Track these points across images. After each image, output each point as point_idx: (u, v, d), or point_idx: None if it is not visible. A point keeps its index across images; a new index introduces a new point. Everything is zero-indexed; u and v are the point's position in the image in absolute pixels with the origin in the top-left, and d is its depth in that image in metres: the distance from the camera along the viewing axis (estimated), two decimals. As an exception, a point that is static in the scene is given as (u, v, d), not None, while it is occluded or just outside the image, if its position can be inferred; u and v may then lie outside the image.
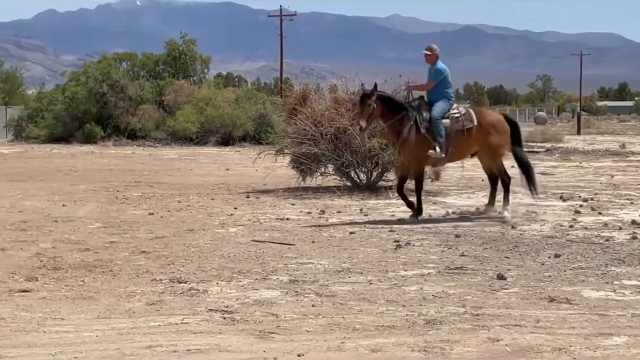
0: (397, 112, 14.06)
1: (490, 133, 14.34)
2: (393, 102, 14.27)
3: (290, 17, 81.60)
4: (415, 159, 14.17)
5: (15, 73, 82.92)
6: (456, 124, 14.18)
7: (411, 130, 13.96)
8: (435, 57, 14.57)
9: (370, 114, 13.91)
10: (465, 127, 14.18)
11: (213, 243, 11.57)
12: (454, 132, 14.12)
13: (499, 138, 14.43)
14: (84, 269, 9.56)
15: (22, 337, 6.63)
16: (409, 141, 13.97)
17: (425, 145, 13.95)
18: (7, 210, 15.36)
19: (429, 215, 14.43)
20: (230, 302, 7.92)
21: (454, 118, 14.23)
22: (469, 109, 14.64)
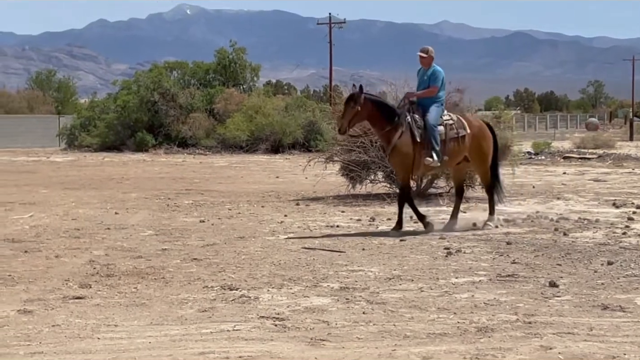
0: (389, 116, 13.44)
1: (480, 140, 13.95)
2: (384, 106, 13.66)
3: (339, 24, 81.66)
4: (403, 167, 13.61)
5: (68, 82, 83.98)
6: (450, 131, 13.65)
7: (403, 137, 13.35)
8: (431, 60, 13.92)
9: (354, 116, 13.41)
10: (459, 135, 13.69)
11: (263, 250, 11.62)
12: (448, 140, 13.59)
13: (487, 145, 14.09)
14: (136, 276, 9.65)
15: (77, 344, 6.71)
16: (400, 148, 13.37)
17: (418, 153, 13.36)
18: (61, 218, 15.55)
19: (474, 224, 14.30)
20: (281, 309, 7.94)
21: (448, 125, 13.69)
22: (459, 117, 14.07)
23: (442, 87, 13.86)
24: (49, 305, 8.12)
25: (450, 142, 13.58)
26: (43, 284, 9.18)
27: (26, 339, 6.82)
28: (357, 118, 13.54)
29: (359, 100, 13.34)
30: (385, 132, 13.51)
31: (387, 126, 13.42)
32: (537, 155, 37.25)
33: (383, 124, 13.49)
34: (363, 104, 13.34)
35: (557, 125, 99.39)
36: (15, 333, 7.00)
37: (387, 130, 13.43)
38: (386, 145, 13.66)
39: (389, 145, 13.48)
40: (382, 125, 13.51)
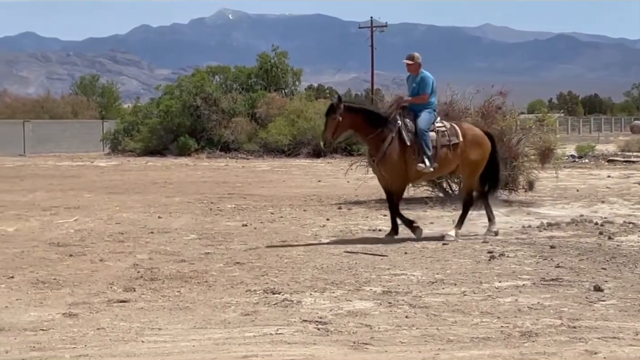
0: (375, 123, 13.10)
1: (475, 149, 13.50)
2: (368, 113, 13.31)
3: (381, 28, 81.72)
4: (398, 174, 13.23)
5: (111, 87, 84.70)
6: (442, 138, 13.27)
7: (393, 143, 13.03)
8: (418, 66, 13.59)
9: (336, 127, 13.04)
10: (451, 142, 13.30)
11: (306, 254, 11.64)
12: (439, 147, 13.22)
13: (481, 154, 13.57)
14: (180, 280, 9.71)
15: (121, 347, 6.76)
16: (391, 155, 13.05)
17: (410, 159, 13.05)
18: (105, 222, 15.68)
19: (523, 226, 14.21)
20: (324, 312, 7.95)
21: (440, 131, 13.31)
22: (452, 124, 13.66)
23: (433, 93, 13.51)
24: (93, 308, 8.20)
25: (441, 149, 13.22)
26: (88, 288, 9.26)
27: (72, 342, 6.88)
28: (340, 128, 13.13)
29: (338, 111, 13.00)
30: (372, 139, 13.15)
31: (374, 132, 13.08)
32: (580, 158, 36.98)
33: (369, 130, 13.13)
34: (344, 114, 13.01)
35: (601, 128, 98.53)
36: (60, 336, 7.07)
37: (375, 137, 13.09)
38: (375, 152, 13.17)
39: (379, 152, 13.08)
40: (369, 132, 13.15)
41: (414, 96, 13.47)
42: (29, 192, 22.58)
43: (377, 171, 13.48)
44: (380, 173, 13.40)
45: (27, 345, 6.77)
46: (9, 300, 8.58)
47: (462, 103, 19.25)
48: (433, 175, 13.90)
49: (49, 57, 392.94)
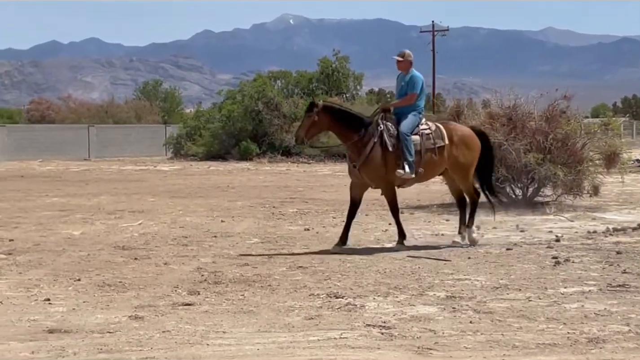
0: (356, 126, 12.64)
1: (462, 150, 12.98)
2: (348, 116, 12.88)
3: (442, 32, 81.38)
4: (383, 180, 12.74)
5: (174, 92, 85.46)
6: (427, 141, 12.71)
7: (375, 148, 12.52)
8: (409, 64, 13.08)
9: (310, 126, 12.64)
10: (436, 145, 12.75)
11: (368, 259, 11.63)
12: (424, 150, 12.69)
13: (470, 155, 13.08)
14: (243, 284, 9.76)
15: (187, 349, 6.81)
16: (373, 160, 12.55)
17: (391, 163, 12.54)
18: (169, 225, 15.82)
19: (588, 232, 14.03)
20: (387, 317, 7.93)
21: (425, 134, 12.73)
22: (438, 125, 13.09)
23: (421, 94, 12.95)
24: (159, 311, 8.27)
25: (426, 153, 12.69)
26: (153, 291, 9.35)
27: (138, 344, 6.95)
28: (315, 128, 12.73)
29: (315, 110, 12.64)
30: (353, 144, 12.67)
31: (355, 137, 12.60)
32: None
33: (349, 134, 12.66)
34: (321, 114, 12.61)
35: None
36: (127, 338, 7.14)
37: (356, 141, 12.61)
38: (356, 157, 12.65)
39: (360, 157, 12.58)
40: (349, 136, 12.67)
41: (402, 96, 12.98)
42: (94, 196, 22.87)
43: (357, 177, 12.84)
44: (361, 179, 12.82)
45: (94, 347, 6.85)
46: (76, 303, 8.70)
47: (526, 107, 19.09)
48: (420, 180, 13.14)
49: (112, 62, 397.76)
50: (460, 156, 12.97)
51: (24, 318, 7.97)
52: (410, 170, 12.46)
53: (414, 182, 13.04)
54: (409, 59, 13.16)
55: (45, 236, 14.28)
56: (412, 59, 13.20)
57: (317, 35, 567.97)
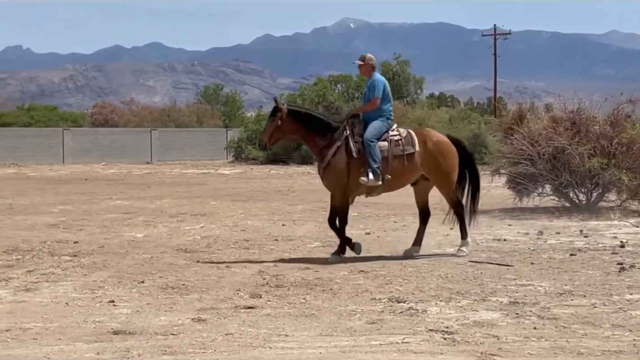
0: (322, 131, 12.27)
1: (438, 157, 12.41)
2: (314, 120, 12.47)
3: (504, 35, 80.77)
4: (339, 187, 12.25)
5: (234, 96, 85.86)
6: (395, 147, 12.21)
7: (338, 153, 12.09)
8: (370, 68, 12.59)
9: (274, 131, 12.32)
10: (405, 153, 12.22)
11: (430, 263, 11.59)
12: (392, 157, 12.19)
13: (448, 162, 12.50)
14: (305, 287, 9.78)
15: (250, 352, 6.84)
16: (334, 165, 12.13)
17: (354, 170, 12.07)
18: (231, 229, 15.91)
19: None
20: (450, 322, 7.89)
21: (393, 141, 12.25)
22: (410, 131, 12.56)
23: (386, 98, 12.43)
24: (221, 314, 8.32)
25: (394, 160, 12.18)
26: (215, 294, 9.41)
27: (201, 346, 7.00)
28: (279, 133, 12.39)
29: (279, 114, 12.31)
30: (320, 149, 12.30)
31: (321, 142, 12.26)
32: None
33: (315, 139, 12.34)
34: (285, 118, 12.28)
35: None
36: (190, 341, 7.19)
37: (322, 147, 12.24)
38: (320, 161, 12.36)
39: (322, 162, 12.24)
40: (315, 141, 12.36)
41: (367, 101, 12.54)
42: (157, 199, 23.09)
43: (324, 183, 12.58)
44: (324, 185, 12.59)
45: (158, 349, 6.92)
46: (140, 305, 8.79)
47: (590, 111, 18.88)
48: (389, 188, 12.50)
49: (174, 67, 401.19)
50: (437, 163, 12.41)
51: (89, 319, 8.07)
52: (374, 178, 12.00)
53: (382, 190, 12.43)
54: (370, 62, 12.65)
55: (109, 238, 14.45)
56: (373, 62, 12.71)
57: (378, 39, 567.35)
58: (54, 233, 15.25)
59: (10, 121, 65.05)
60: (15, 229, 15.92)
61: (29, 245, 13.44)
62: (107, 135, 57.48)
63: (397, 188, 12.78)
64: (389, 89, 12.69)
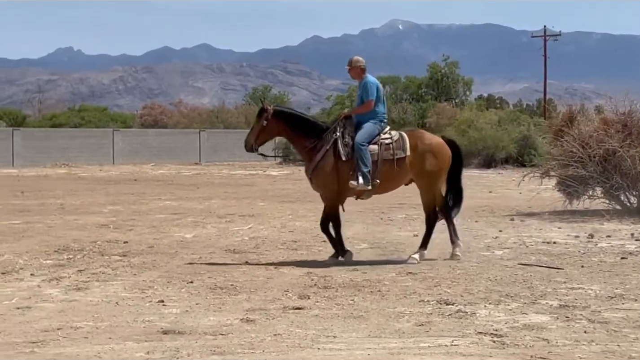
0: (309, 133, 12.11)
1: (427, 160, 12.06)
2: (301, 122, 12.30)
3: (554, 37, 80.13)
4: (329, 190, 12.13)
5: (283, 98, 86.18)
6: (385, 151, 11.94)
7: (327, 156, 11.91)
8: (360, 71, 12.31)
9: (260, 132, 12.19)
10: (395, 157, 11.94)
11: (479, 265, 11.52)
12: (381, 161, 11.93)
13: (436, 165, 12.13)
14: (353, 289, 9.77)
15: (298, 353, 6.85)
16: (323, 168, 11.95)
17: (344, 173, 11.89)
18: (279, 230, 15.96)
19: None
20: (499, 325, 7.84)
21: (384, 144, 11.99)
22: (402, 134, 12.22)
23: (379, 100, 12.21)
24: (269, 314, 8.34)
25: (384, 164, 11.94)
26: (264, 294, 9.44)
27: (250, 347, 7.02)
28: (265, 134, 12.26)
29: (265, 115, 12.15)
30: (307, 151, 12.13)
31: (307, 143, 12.08)
32: None
33: (302, 141, 12.16)
34: (271, 119, 12.12)
35: None
36: (239, 341, 7.22)
37: (309, 149, 12.07)
38: (308, 164, 12.18)
39: (311, 165, 12.08)
40: (301, 142, 12.19)
41: (360, 105, 12.38)
42: (205, 200, 23.23)
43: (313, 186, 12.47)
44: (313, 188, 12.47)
45: (207, 349, 6.95)
46: (189, 305, 8.84)
47: (642, 113, 18.70)
48: (378, 192, 12.33)
49: (223, 68, 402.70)
50: (426, 166, 12.08)
51: (139, 319, 8.13)
52: (364, 182, 11.82)
53: (372, 194, 12.28)
54: (358, 64, 12.38)
55: (158, 239, 14.56)
56: (361, 64, 12.39)
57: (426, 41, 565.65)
58: (104, 233, 15.40)
59: (62, 122, 65.89)
60: (66, 228, 16.10)
61: (80, 245, 13.59)
62: (156, 136, 57.93)
63: (388, 191, 12.66)
64: (382, 90, 12.49)
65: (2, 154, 48.96)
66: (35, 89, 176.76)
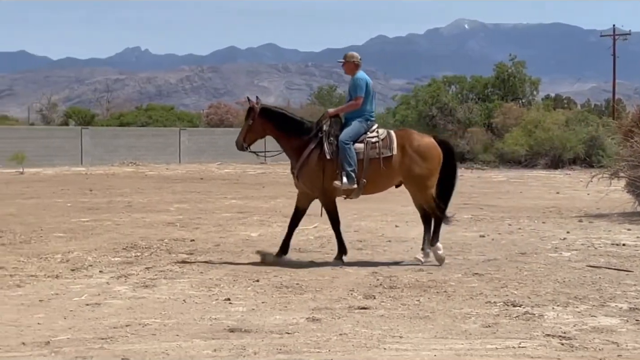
0: (295, 132, 11.94)
1: (416, 161, 11.76)
2: (287, 120, 12.09)
3: (623, 36, 78.94)
4: (319, 189, 11.91)
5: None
6: (371, 150, 11.69)
7: (312, 154, 11.73)
8: (354, 66, 12.07)
9: (247, 131, 12.05)
10: (381, 156, 11.70)
11: (546, 267, 11.40)
12: (367, 160, 11.69)
13: (426, 166, 11.81)
14: (418, 289, 9.73)
15: (364, 353, 6.84)
16: (309, 168, 11.78)
17: (329, 173, 11.71)
18: (344, 230, 15.87)
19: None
20: (567, 327, 7.75)
21: (370, 143, 11.73)
22: (390, 132, 11.94)
23: (369, 97, 11.93)
24: (335, 314, 8.35)
25: (370, 163, 11.69)
26: (329, 294, 9.44)
27: (316, 346, 7.03)
28: (253, 134, 12.10)
29: (252, 114, 12.05)
30: (292, 149, 11.99)
31: (293, 142, 11.93)
32: None
33: (287, 139, 12.00)
34: (257, 118, 11.99)
35: None
36: (305, 340, 7.23)
37: (294, 148, 11.92)
38: (294, 163, 12.00)
39: (297, 164, 11.89)
40: (286, 140, 12.02)
41: (348, 101, 12.03)
42: (271, 199, 23.32)
43: (297, 185, 12.27)
44: (300, 187, 12.19)
45: (273, 347, 6.97)
46: (255, 303, 8.88)
47: None
48: (367, 192, 12.09)
49: (288, 67, 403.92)
50: (414, 167, 11.78)
51: (206, 316, 8.19)
52: (348, 182, 11.61)
53: (360, 193, 12.01)
54: (353, 60, 12.17)
55: (224, 237, 14.65)
56: (356, 60, 12.18)
57: (493, 40, 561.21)
58: (171, 231, 15.54)
59: (129, 121, 66.60)
60: (134, 226, 16.28)
61: (147, 243, 13.73)
62: (222, 135, 58.19)
63: (376, 191, 12.44)
64: (372, 88, 12.16)
65: (71, 153, 49.66)
66: (103, 88, 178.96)
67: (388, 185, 12.21)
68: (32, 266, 11.34)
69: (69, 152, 49.37)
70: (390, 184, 12.20)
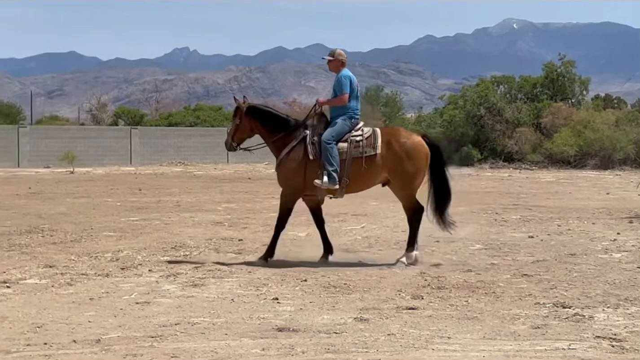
0: (278, 127, 11.88)
1: (402, 159, 11.61)
2: (271, 117, 12.01)
3: (674, 35, 77.93)
4: (289, 187, 11.81)
5: (395, 97, 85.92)
6: (355, 149, 11.55)
7: (293, 152, 11.65)
8: (339, 64, 11.92)
9: (235, 130, 12.05)
10: (364, 155, 11.55)
11: (596, 268, 11.30)
12: (350, 159, 11.56)
13: (412, 164, 11.68)
14: (467, 290, 9.69)
15: (412, 353, 6.83)
16: (287, 164, 11.71)
17: (311, 171, 11.55)
18: (391, 229, 15.94)
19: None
20: (618, 329, 7.68)
21: (354, 142, 11.59)
22: (375, 130, 11.78)
23: (353, 95, 11.83)
24: (383, 314, 8.34)
25: (352, 163, 11.55)
26: (377, 294, 9.44)
27: (363, 346, 7.03)
28: (240, 132, 12.07)
29: (238, 113, 12.06)
30: (273, 143, 11.93)
31: (276, 139, 11.86)
32: None
33: (270, 135, 11.92)
34: (243, 117, 11.99)
35: None
36: (353, 340, 7.24)
37: (275, 141, 11.87)
38: (276, 158, 11.95)
39: (277, 159, 11.84)
40: (270, 137, 11.93)
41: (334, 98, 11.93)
42: (318, 199, 23.30)
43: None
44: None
45: (322, 347, 6.99)
46: (303, 303, 8.90)
47: None
48: (350, 191, 11.93)
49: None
50: (400, 165, 11.64)
51: (254, 316, 8.23)
52: (329, 181, 11.45)
53: (344, 193, 11.84)
54: (339, 58, 12.01)
55: (272, 237, 14.66)
56: (343, 58, 12.03)
57: (542, 40, 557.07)
58: (219, 230, 15.63)
59: (178, 121, 66.97)
60: (182, 226, 16.39)
61: (196, 242, 13.82)
62: (269, 135, 58.46)
63: (360, 190, 12.29)
64: (357, 85, 12.08)
65: (121, 152, 50.14)
66: (152, 89, 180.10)
67: (372, 183, 12.06)
68: (83, 265, 11.46)
69: (118, 151, 49.87)
70: (375, 182, 12.04)
